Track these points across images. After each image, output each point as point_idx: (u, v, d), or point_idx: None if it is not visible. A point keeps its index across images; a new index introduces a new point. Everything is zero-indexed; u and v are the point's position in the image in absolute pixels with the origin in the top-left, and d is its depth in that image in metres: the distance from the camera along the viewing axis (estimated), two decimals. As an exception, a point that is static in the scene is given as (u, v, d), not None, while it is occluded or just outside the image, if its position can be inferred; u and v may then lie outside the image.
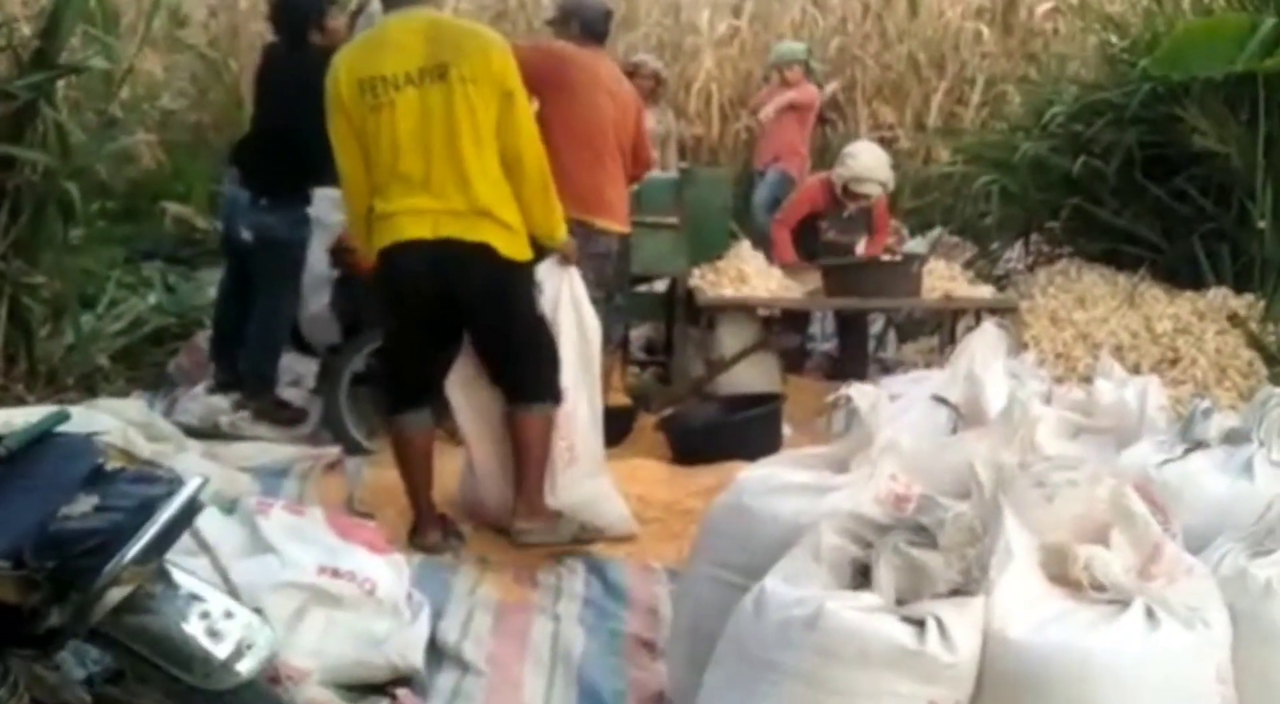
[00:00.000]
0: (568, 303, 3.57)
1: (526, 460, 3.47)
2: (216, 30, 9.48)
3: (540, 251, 3.50)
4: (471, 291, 3.32)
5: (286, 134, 4.42)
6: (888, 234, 5.85)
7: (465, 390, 3.56)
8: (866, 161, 5.67)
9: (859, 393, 2.64)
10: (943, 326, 5.53)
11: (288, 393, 4.71)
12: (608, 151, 4.20)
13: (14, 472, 1.95)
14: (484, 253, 3.28)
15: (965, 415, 3.37)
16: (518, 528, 3.47)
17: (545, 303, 3.52)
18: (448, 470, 3.72)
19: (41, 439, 2.04)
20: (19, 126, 4.50)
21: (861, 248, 5.74)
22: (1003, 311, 5.25)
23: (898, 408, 3.28)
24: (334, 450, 4.28)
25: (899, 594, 1.99)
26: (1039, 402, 3.11)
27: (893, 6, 9.59)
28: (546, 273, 3.52)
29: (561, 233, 3.49)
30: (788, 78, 7.34)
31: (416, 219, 3.26)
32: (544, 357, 3.46)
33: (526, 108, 3.36)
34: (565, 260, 3.57)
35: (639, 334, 5.74)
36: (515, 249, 3.34)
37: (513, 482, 3.54)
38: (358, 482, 3.99)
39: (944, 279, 5.41)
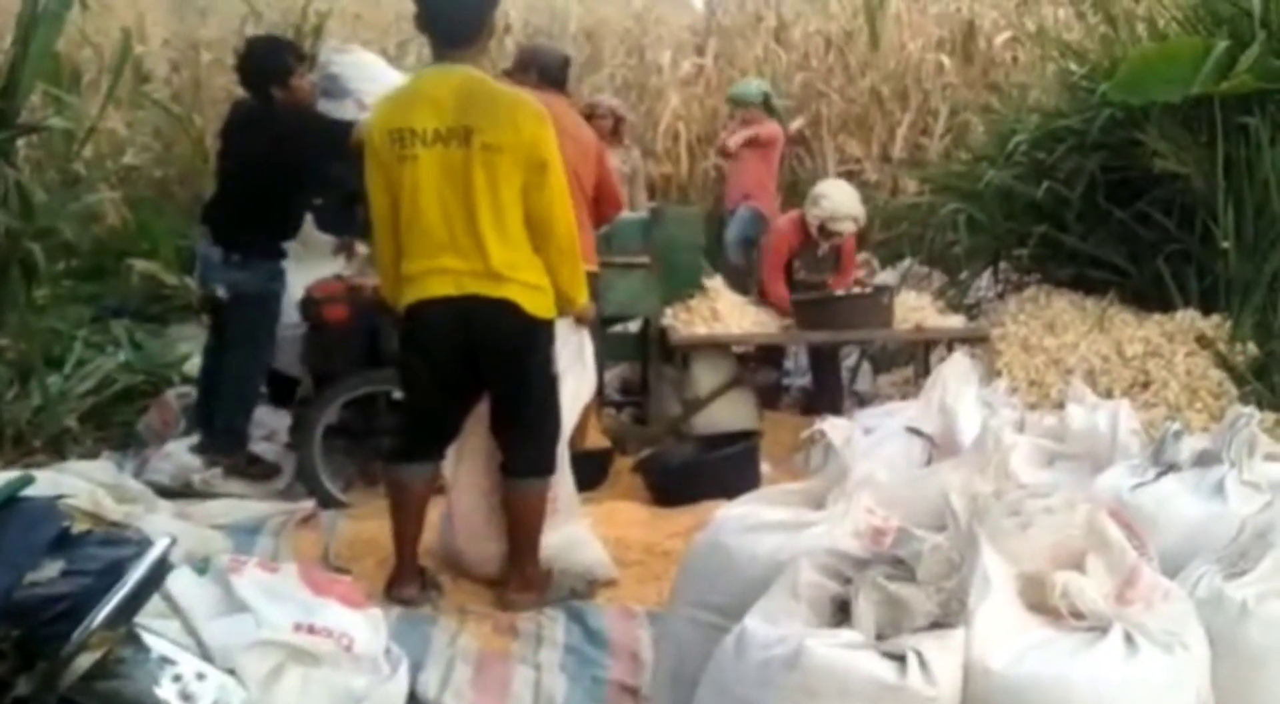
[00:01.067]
0: (577, 362, 3.60)
1: (521, 534, 3.46)
2: (179, 85, 9.51)
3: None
4: (493, 346, 3.32)
5: (254, 189, 4.43)
6: (854, 269, 5.90)
7: (457, 441, 3.54)
8: (839, 200, 5.71)
9: (833, 428, 2.65)
10: (916, 357, 5.57)
11: (260, 447, 4.67)
12: (570, 195, 4.22)
13: (-23, 540, 1.92)
14: (509, 309, 3.28)
15: (940, 446, 3.38)
16: (510, 599, 3.46)
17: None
18: (426, 520, 3.68)
19: (5, 505, 2.01)
20: (-21, 188, 4.50)
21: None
22: (974, 341, 5.29)
23: (873, 441, 3.29)
24: (308, 504, 4.24)
25: (879, 629, 1.98)
26: (1012, 430, 3.12)
27: (854, 40, 9.74)
28: (561, 332, 3.51)
29: (583, 298, 3.51)
30: (745, 118, 7.40)
31: (441, 277, 3.27)
32: (549, 428, 3.46)
33: (560, 177, 3.33)
34: (581, 322, 3.61)
35: (614, 375, 5.74)
36: (539, 306, 3.33)
37: (494, 536, 3.52)
38: (333, 535, 3.95)
39: (915, 310, 5.45)
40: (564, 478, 3.62)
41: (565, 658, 3.18)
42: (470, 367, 3.35)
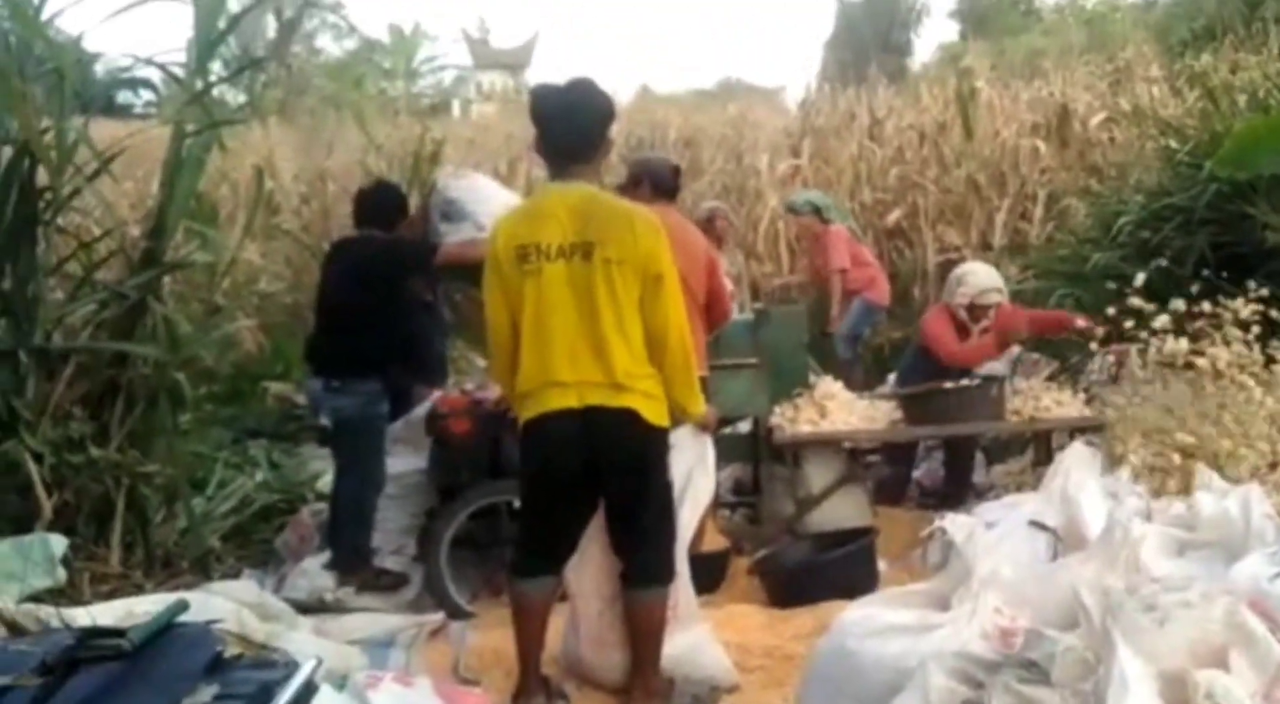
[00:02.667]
0: (699, 467, 3.66)
1: (643, 643, 3.48)
2: (309, 216, 10.02)
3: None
4: (615, 457, 3.36)
5: (342, 313, 4.63)
6: (1008, 340, 5.78)
7: (578, 549, 3.60)
8: (982, 274, 5.77)
9: (954, 524, 2.65)
10: (1036, 445, 5.46)
11: (388, 561, 4.79)
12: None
13: (139, 666, 2.03)
14: (630, 418, 3.33)
15: (1065, 539, 3.33)
16: None
17: (679, 467, 3.56)
18: (550, 628, 3.73)
19: (163, 631, 2.14)
20: (130, 323, 4.75)
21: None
22: (1091, 429, 5.17)
23: (994, 536, 3.26)
24: (437, 616, 4.31)
25: (1015, 734, 1.96)
26: (1139, 520, 3.06)
27: (948, 131, 9.82)
28: (684, 438, 3.59)
29: (700, 407, 3.56)
30: (808, 225, 7.78)
31: (562, 391, 3.33)
32: (667, 535, 3.50)
33: (675, 289, 3.42)
34: (704, 430, 3.68)
35: (726, 475, 5.76)
36: (657, 415, 3.39)
37: (618, 644, 3.55)
38: (462, 647, 4.02)
39: (1031, 398, 5.36)
40: (684, 584, 3.64)
41: (694, 768, 3.17)
42: (590, 479, 3.40)
